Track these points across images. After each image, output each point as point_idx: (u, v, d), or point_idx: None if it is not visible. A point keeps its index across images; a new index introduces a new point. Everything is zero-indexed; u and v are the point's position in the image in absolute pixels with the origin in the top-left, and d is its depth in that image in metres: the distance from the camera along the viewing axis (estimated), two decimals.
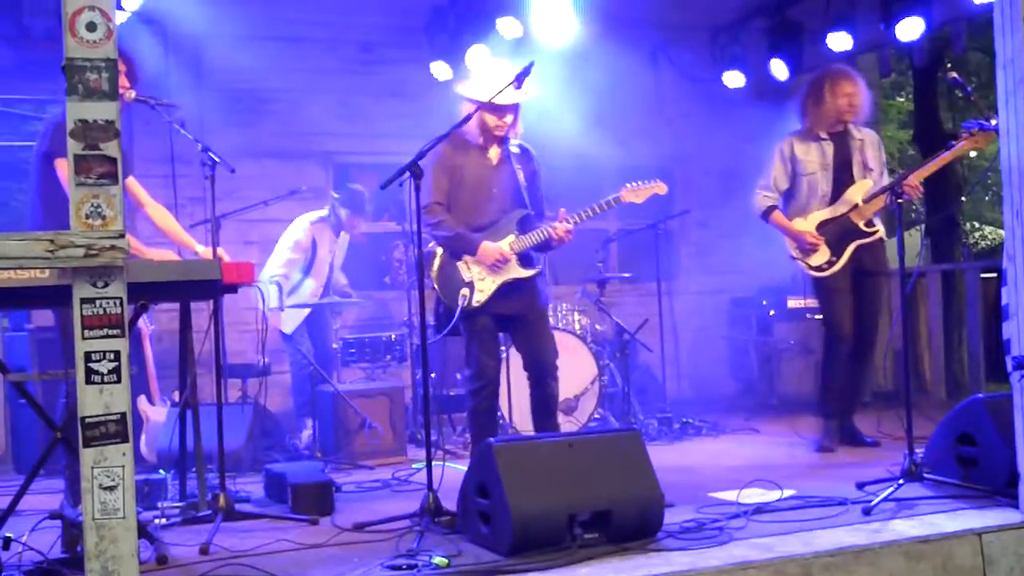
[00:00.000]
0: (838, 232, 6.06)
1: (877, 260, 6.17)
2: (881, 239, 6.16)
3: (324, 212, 7.54)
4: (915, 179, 5.62)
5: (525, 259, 5.31)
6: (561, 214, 5.22)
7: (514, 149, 5.39)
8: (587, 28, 7.72)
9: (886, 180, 6.11)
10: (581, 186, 7.30)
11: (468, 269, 5.29)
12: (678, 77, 9.25)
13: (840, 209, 6.07)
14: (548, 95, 7.08)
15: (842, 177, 6.13)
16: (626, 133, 8.59)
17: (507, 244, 5.26)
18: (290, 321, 7.24)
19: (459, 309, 5.20)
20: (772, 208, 6.27)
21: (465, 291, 5.24)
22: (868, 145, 6.17)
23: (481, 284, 5.26)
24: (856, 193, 6.05)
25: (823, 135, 6.16)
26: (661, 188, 5.51)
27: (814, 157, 6.16)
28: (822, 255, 6.09)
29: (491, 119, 5.27)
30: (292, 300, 7.18)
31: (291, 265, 7.30)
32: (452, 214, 5.30)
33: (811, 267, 6.15)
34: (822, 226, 6.11)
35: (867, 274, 6.12)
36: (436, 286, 5.39)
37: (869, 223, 6.07)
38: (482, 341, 5.28)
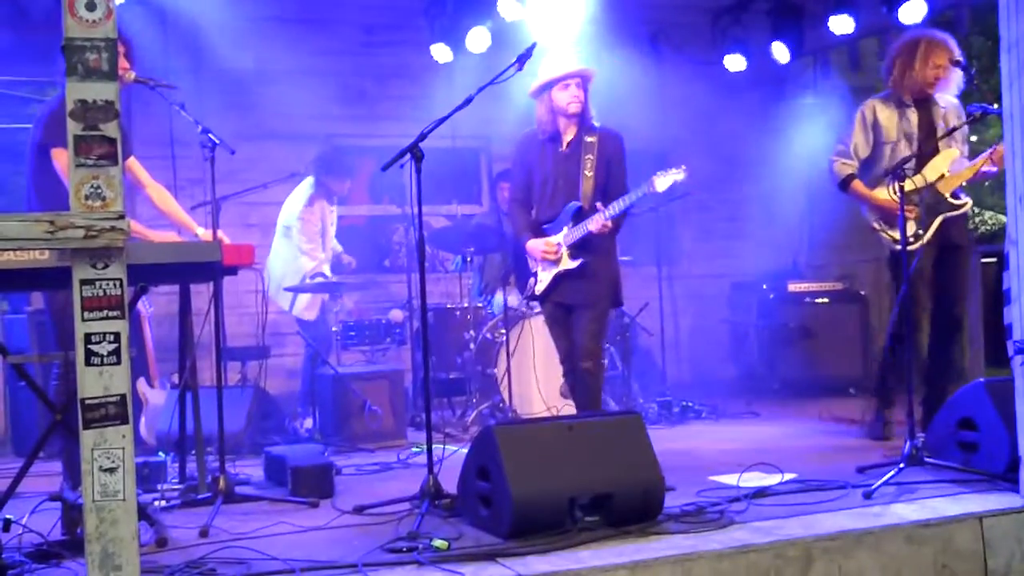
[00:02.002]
0: (923, 205, 5.65)
1: (962, 233, 5.81)
2: (966, 213, 5.80)
3: (309, 186, 7.38)
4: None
5: (575, 250, 5.33)
6: (598, 207, 5.24)
7: (590, 138, 5.35)
8: (588, 10, 7.69)
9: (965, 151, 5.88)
10: None
11: (533, 261, 5.52)
12: (679, 60, 9.22)
13: (927, 179, 5.64)
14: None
15: (926, 146, 5.76)
16: (626, 116, 8.54)
17: (560, 237, 5.34)
18: (313, 308, 7.22)
19: (526, 295, 5.68)
20: (852, 176, 5.85)
21: (531, 280, 5.54)
22: (951, 114, 5.82)
23: (542, 275, 5.47)
24: (942, 163, 5.67)
25: (908, 101, 5.82)
26: (680, 175, 5.29)
27: (897, 124, 5.80)
28: (909, 227, 5.54)
29: (560, 96, 5.32)
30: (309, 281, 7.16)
31: (316, 252, 7.25)
32: (530, 206, 5.56)
33: (896, 240, 5.65)
34: (906, 197, 5.52)
35: (954, 247, 5.76)
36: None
37: (955, 195, 5.68)
38: (552, 326, 5.60)
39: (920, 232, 5.62)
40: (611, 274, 5.43)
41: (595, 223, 5.17)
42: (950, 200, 5.67)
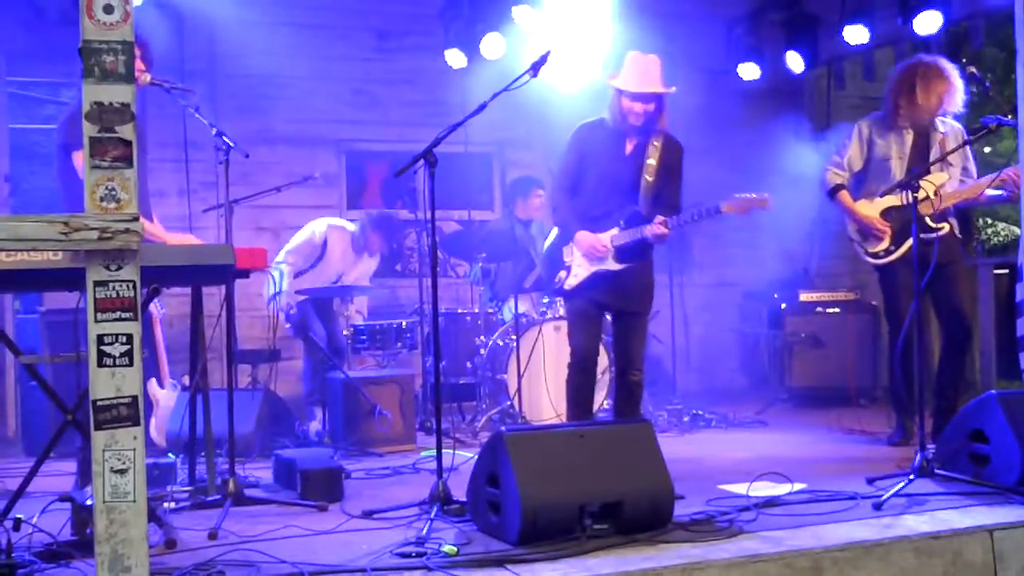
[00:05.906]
0: (902, 222, 5.79)
1: (948, 251, 5.81)
2: (954, 233, 5.92)
3: (352, 226, 7.52)
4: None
5: (621, 253, 5.34)
6: (657, 219, 5.21)
7: (656, 141, 5.36)
8: (602, 17, 7.69)
9: (970, 176, 5.99)
10: None
11: (571, 254, 5.48)
12: (692, 68, 9.20)
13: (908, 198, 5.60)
14: (559, 85, 7.08)
15: (918, 168, 5.73)
16: None
17: (607, 236, 5.32)
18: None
19: (554, 288, 5.61)
20: (840, 187, 6.09)
21: (562, 273, 5.49)
22: (950, 140, 5.91)
23: (577, 270, 5.44)
24: (928, 186, 5.60)
25: (904, 124, 5.95)
26: (763, 202, 5.20)
27: (892, 143, 5.95)
28: (882, 243, 5.91)
29: (628, 105, 5.31)
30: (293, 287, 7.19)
31: (296, 255, 7.27)
32: (576, 196, 5.46)
33: (867, 252, 5.99)
34: (887, 213, 5.91)
35: (943, 265, 5.72)
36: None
37: (941, 217, 5.79)
38: (576, 322, 5.51)
39: (892, 248, 5.85)
40: (652, 283, 5.49)
41: (653, 231, 5.17)
42: (928, 222, 5.70)
